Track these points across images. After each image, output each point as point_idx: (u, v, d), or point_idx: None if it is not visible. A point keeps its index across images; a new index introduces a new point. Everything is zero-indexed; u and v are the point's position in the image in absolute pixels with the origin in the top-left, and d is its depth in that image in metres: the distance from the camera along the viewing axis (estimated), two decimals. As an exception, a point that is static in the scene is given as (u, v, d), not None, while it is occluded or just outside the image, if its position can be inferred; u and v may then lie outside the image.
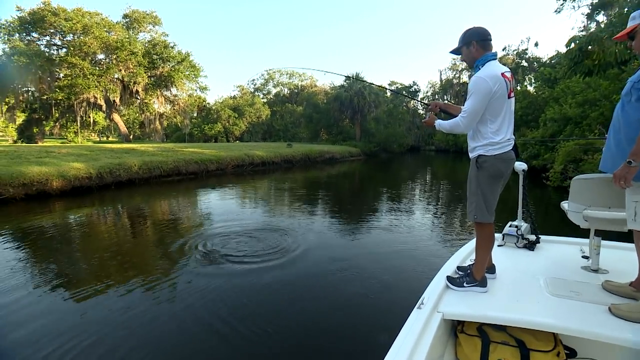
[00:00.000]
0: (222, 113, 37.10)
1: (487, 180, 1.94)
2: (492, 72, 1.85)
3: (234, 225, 6.38)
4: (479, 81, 1.85)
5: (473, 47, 1.95)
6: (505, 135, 1.92)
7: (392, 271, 4.24)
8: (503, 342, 1.74)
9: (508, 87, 1.88)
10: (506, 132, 1.92)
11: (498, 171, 1.93)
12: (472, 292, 1.95)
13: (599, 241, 2.14)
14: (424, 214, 7.84)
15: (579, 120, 12.66)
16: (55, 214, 7.69)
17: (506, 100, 1.89)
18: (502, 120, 1.91)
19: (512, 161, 1.97)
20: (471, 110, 1.88)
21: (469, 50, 1.97)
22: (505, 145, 1.92)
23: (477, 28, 1.97)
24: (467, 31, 1.98)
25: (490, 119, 1.90)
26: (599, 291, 1.89)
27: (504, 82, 1.86)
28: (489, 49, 1.95)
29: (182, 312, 3.20)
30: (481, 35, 1.95)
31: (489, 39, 1.96)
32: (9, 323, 3.01)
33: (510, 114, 1.94)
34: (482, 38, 1.94)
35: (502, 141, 1.91)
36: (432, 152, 43.01)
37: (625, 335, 1.50)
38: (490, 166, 1.92)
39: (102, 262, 4.60)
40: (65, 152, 13.11)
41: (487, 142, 1.92)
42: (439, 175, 18.24)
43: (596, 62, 8.93)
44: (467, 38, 1.97)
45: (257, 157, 17.85)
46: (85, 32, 23.62)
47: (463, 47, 2.00)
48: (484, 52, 1.94)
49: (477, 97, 1.85)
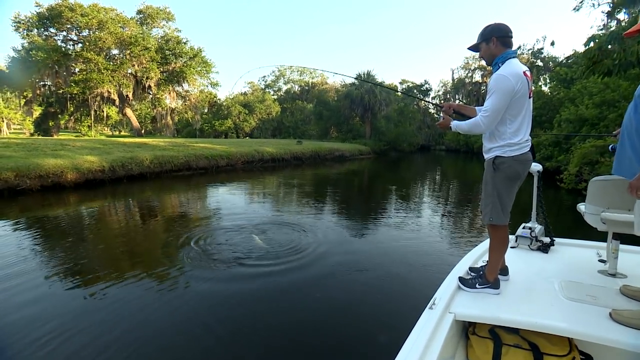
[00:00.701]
0: (232, 109, 37.33)
1: (503, 182, 1.89)
2: (514, 70, 1.79)
3: (242, 220, 6.42)
4: (501, 79, 1.79)
5: (493, 43, 1.88)
6: (524, 137, 1.87)
7: (401, 270, 4.21)
8: (516, 344, 1.71)
9: (529, 87, 1.84)
10: (525, 133, 1.88)
11: (515, 173, 1.88)
12: (484, 294, 1.92)
13: (617, 244, 2.09)
14: (433, 214, 7.77)
15: (595, 121, 12.34)
16: (69, 205, 7.87)
17: (527, 100, 1.85)
18: (522, 121, 1.86)
19: (529, 163, 1.92)
20: (493, 108, 1.81)
21: (488, 46, 1.91)
22: (524, 146, 1.88)
23: (498, 24, 1.90)
24: (487, 27, 1.92)
25: (509, 119, 1.85)
26: (617, 296, 1.85)
27: (526, 81, 1.80)
28: (509, 46, 1.89)
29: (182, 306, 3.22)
30: (502, 31, 1.88)
31: (510, 35, 1.89)
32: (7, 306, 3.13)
33: (529, 115, 1.89)
34: (503, 34, 1.88)
35: (521, 142, 1.86)
36: (443, 151, 42.58)
37: (638, 341, 1.46)
38: (508, 168, 1.87)
39: (110, 253, 4.69)
40: (80, 145, 13.38)
41: (505, 142, 1.87)
42: (449, 175, 18.04)
43: (616, 62, 8.67)
44: (487, 34, 1.90)
45: (266, 153, 17.92)
46: (101, 28, 24.02)
47: (482, 43, 1.93)
48: (504, 49, 1.88)
49: (499, 95, 1.79)
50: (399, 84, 47.80)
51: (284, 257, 4.44)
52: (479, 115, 1.89)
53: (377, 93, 31.63)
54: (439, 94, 48.04)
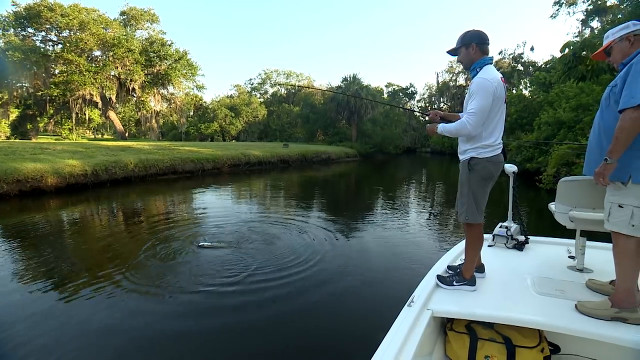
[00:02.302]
0: (218, 112, 37.01)
1: (478, 182, 1.99)
2: (494, 75, 1.89)
3: (228, 224, 6.41)
4: (483, 82, 1.87)
5: (472, 49, 1.97)
6: (497, 139, 1.97)
7: (384, 270, 4.28)
8: (490, 338, 1.79)
9: (505, 93, 1.95)
10: (498, 136, 1.98)
11: (489, 173, 1.98)
12: (461, 291, 2.00)
13: (584, 241, 2.21)
14: (418, 215, 7.91)
15: (572, 124, 12.82)
16: (49, 211, 7.65)
17: (502, 104, 1.95)
18: (496, 124, 1.95)
19: (501, 164, 2.03)
20: (479, 109, 1.86)
21: (467, 51, 1.98)
22: (497, 148, 1.98)
23: (477, 31, 1.99)
24: (467, 33, 1.99)
25: (487, 123, 1.94)
26: (583, 289, 1.96)
27: (503, 87, 1.92)
28: (486, 52, 1.99)
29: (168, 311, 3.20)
30: (481, 38, 1.97)
31: (488, 43, 1.99)
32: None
33: (503, 119, 2.00)
34: (481, 41, 1.97)
35: (494, 144, 1.96)
36: (428, 154, 43.22)
37: (603, 331, 1.56)
38: (482, 168, 1.96)
39: (90, 260, 4.58)
40: (60, 149, 13.02)
41: (479, 144, 1.95)
42: (434, 177, 18.36)
43: (589, 68, 9.06)
44: (467, 39, 1.98)
45: (253, 156, 17.84)
46: (82, 29, 23.45)
47: (462, 48, 2.00)
48: (482, 56, 1.97)
49: (484, 96, 1.86)
50: (384, 87, 48.42)
51: (267, 260, 4.45)
52: (464, 116, 1.93)
53: (362, 96, 31.98)
54: (424, 97, 48.94)
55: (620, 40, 1.78)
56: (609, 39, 1.84)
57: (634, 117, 1.54)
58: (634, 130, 1.55)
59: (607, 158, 1.62)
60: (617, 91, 1.67)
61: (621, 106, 1.59)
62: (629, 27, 1.76)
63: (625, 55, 1.75)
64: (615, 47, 1.81)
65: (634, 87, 1.55)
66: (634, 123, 1.54)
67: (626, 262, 1.68)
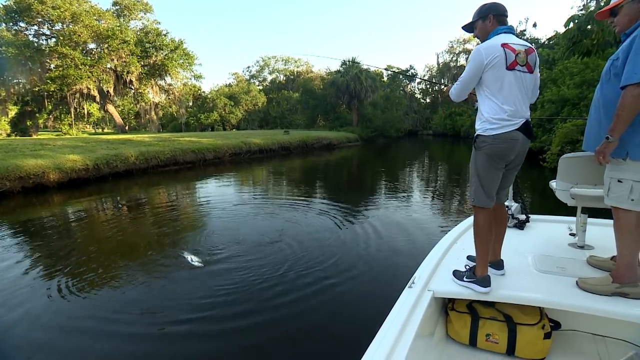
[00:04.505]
0: (217, 101, 36.71)
1: (484, 163, 1.81)
2: (490, 43, 1.76)
3: (232, 213, 6.45)
4: (474, 52, 1.79)
5: (489, 21, 1.85)
6: (509, 113, 1.73)
7: (387, 251, 4.31)
8: (492, 317, 1.80)
9: (509, 59, 1.71)
10: (510, 110, 1.73)
11: (496, 153, 1.77)
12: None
13: (585, 218, 2.19)
14: (420, 196, 7.90)
15: (576, 101, 12.60)
16: (53, 206, 7.72)
17: (505, 72, 1.72)
18: (505, 96, 1.73)
19: (515, 142, 1.76)
20: (462, 80, 1.84)
21: (484, 24, 1.87)
22: (507, 124, 1.73)
23: (495, 2, 1.87)
24: (485, 5, 1.88)
25: (489, 95, 1.78)
26: (584, 266, 1.95)
27: (502, 53, 1.71)
28: (504, 24, 1.85)
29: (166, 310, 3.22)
30: (499, 10, 1.85)
31: (506, 15, 1.86)
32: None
33: (517, 89, 1.74)
34: (500, 13, 1.85)
35: (504, 119, 1.73)
36: (430, 136, 42.87)
37: (604, 306, 1.56)
38: (488, 147, 1.78)
39: (96, 254, 4.62)
40: (61, 144, 13.03)
41: (484, 119, 1.79)
42: (436, 159, 18.26)
43: (595, 42, 8.77)
44: (484, 11, 1.86)
45: (254, 144, 17.78)
46: (75, 21, 23.08)
47: (479, 21, 1.89)
48: (497, 26, 1.84)
49: (468, 68, 1.80)
50: (384, 70, 47.65)
51: (271, 244, 4.50)
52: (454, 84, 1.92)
53: (362, 80, 31.49)
54: (424, 79, 48.12)
55: (633, 1, 1.61)
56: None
57: (636, 94, 1.48)
58: (636, 107, 1.49)
59: (609, 136, 1.58)
60: (619, 65, 1.59)
61: (623, 82, 1.52)
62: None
63: (632, 20, 1.61)
64: (625, 7, 1.64)
65: (637, 63, 1.47)
66: (635, 100, 1.48)
67: (626, 236, 1.66)
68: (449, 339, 1.88)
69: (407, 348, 1.37)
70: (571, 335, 1.83)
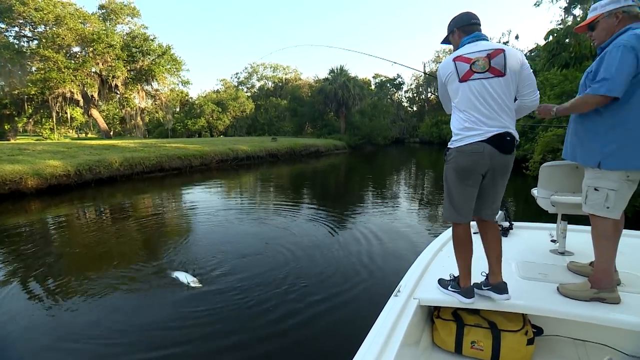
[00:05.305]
0: (205, 107, 36.44)
1: (451, 176, 1.76)
2: (444, 61, 1.80)
3: (217, 219, 6.36)
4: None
5: (457, 34, 1.83)
6: (467, 124, 1.68)
7: (375, 261, 4.31)
8: (476, 324, 1.81)
9: (461, 71, 1.69)
10: (469, 120, 1.68)
11: (460, 166, 1.70)
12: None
13: (565, 225, 2.25)
14: (406, 204, 7.97)
15: (556, 111, 13.01)
16: (30, 213, 7.44)
17: (459, 85, 1.70)
18: (464, 108, 1.70)
19: (479, 155, 1.65)
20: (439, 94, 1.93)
21: (453, 38, 1.87)
22: (469, 135, 1.67)
23: (460, 14, 1.84)
24: (452, 19, 1.88)
25: (454, 109, 1.78)
26: (564, 272, 2.00)
27: (452, 68, 1.71)
28: (470, 33, 1.78)
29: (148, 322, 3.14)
30: (463, 21, 1.80)
31: (473, 22, 1.79)
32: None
33: (476, 99, 1.66)
34: (463, 24, 1.80)
35: (465, 129, 1.68)
36: (417, 144, 43.48)
37: (583, 311, 1.60)
38: (453, 160, 1.73)
39: (75, 263, 4.49)
40: (41, 149, 12.64)
41: (453, 132, 1.76)
42: (423, 167, 18.51)
43: (572, 55, 9.14)
44: (450, 27, 1.87)
45: (241, 151, 17.66)
46: (58, 23, 22.63)
47: (450, 36, 1.89)
48: (464, 38, 1.80)
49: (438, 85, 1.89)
50: (372, 79, 48.35)
51: (257, 250, 4.44)
52: None
53: (350, 88, 31.82)
54: (411, 87, 49.08)
55: (608, 16, 1.69)
56: (597, 12, 1.74)
57: (589, 102, 1.66)
58: (582, 110, 1.73)
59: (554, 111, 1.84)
60: (592, 77, 1.68)
61: (588, 91, 1.66)
62: (619, 2, 1.67)
63: (609, 33, 1.69)
64: (602, 22, 1.72)
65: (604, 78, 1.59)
66: (585, 106, 1.69)
67: (603, 243, 1.71)
68: (435, 347, 1.88)
69: (393, 357, 1.36)
70: (553, 340, 1.86)
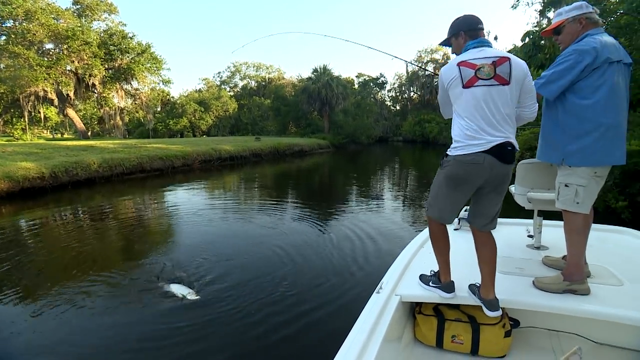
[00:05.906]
0: (187, 107, 35.71)
1: (442, 181, 1.76)
2: (448, 64, 1.72)
3: (200, 219, 6.28)
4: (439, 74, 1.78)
5: (462, 38, 1.75)
6: (469, 132, 1.62)
7: (358, 259, 4.35)
8: (457, 319, 1.87)
9: (465, 76, 1.63)
10: (471, 129, 1.62)
11: (455, 175, 1.69)
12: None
13: (540, 221, 2.34)
14: (390, 203, 8.07)
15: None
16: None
17: (462, 91, 1.64)
18: (466, 116, 1.64)
19: (477, 166, 1.61)
20: (438, 99, 1.87)
21: (457, 41, 1.78)
22: (469, 144, 1.62)
23: (466, 17, 1.77)
24: (456, 20, 1.79)
25: (456, 115, 1.72)
26: (539, 266, 2.08)
27: (457, 73, 1.65)
28: (476, 37, 1.72)
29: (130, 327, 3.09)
30: (470, 24, 1.74)
31: (478, 27, 1.74)
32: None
33: (479, 106, 1.61)
34: (470, 27, 1.74)
35: (466, 137, 1.63)
36: (400, 142, 43.97)
37: (556, 303, 1.67)
38: (448, 167, 1.71)
39: (50, 269, 4.33)
40: (11, 150, 12.10)
41: (453, 139, 1.72)
42: (407, 165, 18.77)
43: (547, 56, 9.48)
44: (455, 29, 1.78)
45: (224, 151, 17.43)
46: (29, 19, 21.61)
47: (452, 38, 1.81)
48: (469, 42, 1.74)
49: (439, 89, 1.83)
50: (355, 78, 48.61)
51: (241, 251, 4.40)
52: None
53: (333, 87, 31.89)
54: (394, 87, 49.63)
55: (573, 21, 1.77)
56: (562, 17, 1.81)
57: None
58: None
59: None
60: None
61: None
62: (582, 9, 1.75)
63: (573, 38, 1.78)
64: (567, 27, 1.80)
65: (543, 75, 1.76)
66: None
67: (574, 237, 1.79)
68: (417, 342, 1.92)
69: (375, 353, 1.38)
70: (529, 332, 1.93)
